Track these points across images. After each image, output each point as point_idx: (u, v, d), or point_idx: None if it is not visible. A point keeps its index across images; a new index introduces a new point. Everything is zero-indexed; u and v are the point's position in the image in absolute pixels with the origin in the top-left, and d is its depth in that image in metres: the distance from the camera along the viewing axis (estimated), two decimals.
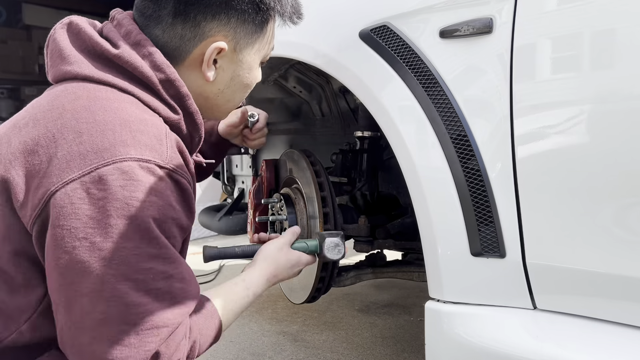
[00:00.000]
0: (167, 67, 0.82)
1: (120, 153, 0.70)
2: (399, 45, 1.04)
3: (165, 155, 0.75)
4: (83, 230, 0.67)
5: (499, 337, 0.94)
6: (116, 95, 0.77)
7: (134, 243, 0.69)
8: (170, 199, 0.74)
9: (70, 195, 0.68)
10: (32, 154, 0.72)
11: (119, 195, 0.68)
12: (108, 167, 0.68)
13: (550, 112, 0.89)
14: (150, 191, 0.71)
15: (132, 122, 0.74)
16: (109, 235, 0.68)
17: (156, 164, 0.72)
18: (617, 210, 0.85)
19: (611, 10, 0.82)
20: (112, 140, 0.71)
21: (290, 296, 1.62)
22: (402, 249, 1.69)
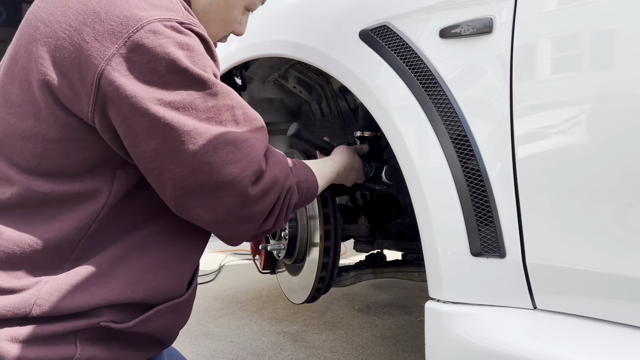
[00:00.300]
0: None
1: (143, 17, 0.73)
2: (399, 45, 1.04)
3: (182, 13, 0.79)
4: (146, 93, 0.72)
5: (498, 337, 0.94)
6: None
7: (193, 89, 0.75)
8: (199, 49, 0.78)
9: (118, 68, 0.71)
10: (59, 50, 0.73)
11: (161, 54, 0.72)
12: (139, 32, 0.72)
13: (550, 112, 0.89)
14: (182, 45, 0.75)
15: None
16: (170, 89, 0.73)
17: (177, 21, 0.76)
18: (617, 210, 0.85)
19: (611, 10, 0.82)
20: (129, 8, 0.73)
21: (290, 296, 1.62)
22: (402, 249, 1.69)
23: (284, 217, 0.90)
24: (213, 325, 2.17)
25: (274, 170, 0.85)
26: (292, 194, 0.90)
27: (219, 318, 2.26)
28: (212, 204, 0.80)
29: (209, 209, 0.80)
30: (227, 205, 0.80)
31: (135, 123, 0.73)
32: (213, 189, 0.78)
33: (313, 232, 1.43)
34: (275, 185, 0.84)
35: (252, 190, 0.80)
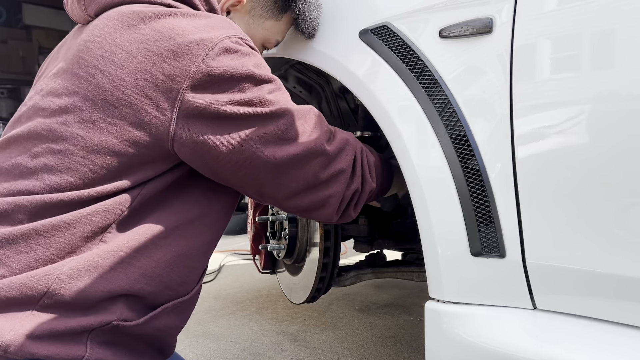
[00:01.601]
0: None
1: (213, 37, 0.81)
2: (398, 45, 1.04)
3: (239, 32, 0.86)
4: (223, 98, 0.80)
5: (498, 337, 0.94)
6: (167, 9, 0.85)
7: (264, 87, 0.84)
8: (260, 59, 0.87)
9: (197, 86, 0.78)
10: (141, 72, 0.79)
11: (239, 69, 0.81)
12: (213, 50, 0.80)
13: (550, 112, 0.89)
14: (250, 55, 0.84)
15: (198, 19, 0.84)
16: (244, 91, 0.82)
17: (240, 38, 0.85)
18: (617, 210, 0.85)
19: (611, 10, 0.82)
20: (200, 32, 0.81)
21: (290, 296, 1.62)
22: (402, 249, 1.70)
23: (369, 176, 1.00)
24: (213, 325, 2.17)
25: (341, 133, 0.96)
26: (367, 154, 1.01)
27: (219, 318, 2.26)
28: (302, 171, 0.89)
29: (300, 179, 0.90)
30: (314, 169, 0.90)
31: (216, 136, 0.81)
32: (300, 157, 0.88)
33: (313, 232, 1.43)
34: (348, 143, 0.95)
35: (329, 146, 0.91)
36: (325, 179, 0.93)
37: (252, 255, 1.77)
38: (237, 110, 0.82)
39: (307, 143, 0.88)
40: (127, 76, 0.78)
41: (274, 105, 0.86)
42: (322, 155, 0.91)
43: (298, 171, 0.89)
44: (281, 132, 0.86)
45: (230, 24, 0.87)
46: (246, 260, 3.35)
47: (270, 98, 0.86)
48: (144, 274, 0.82)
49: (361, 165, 0.98)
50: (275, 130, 0.85)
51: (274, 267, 1.72)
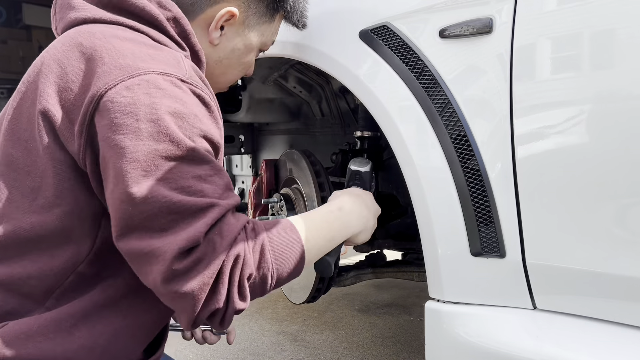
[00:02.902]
0: (172, 6, 0.85)
1: (142, 67, 0.73)
2: (398, 45, 1.04)
3: (185, 71, 0.78)
4: (114, 139, 0.70)
5: (499, 337, 0.94)
6: (127, 31, 0.80)
7: (161, 145, 0.71)
8: (195, 109, 0.75)
9: (101, 109, 0.71)
10: (66, 91, 0.75)
11: (146, 102, 0.71)
12: (133, 79, 0.72)
13: (550, 112, 0.89)
14: (176, 99, 0.73)
15: (148, 48, 0.78)
16: (139, 139, 0.70)
17: (177, 78, 0.75)
18: (617, 210, 0.85)
19: (611, 10, 0.82)
20: (133, 59, 0.74)
21: (290, 296, 1.62)
22: (402, 249, 1.69)
23: (241, 296, 0.74)
24: None
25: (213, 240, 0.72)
26: (245, 266, 0.73)
27: None
28: (139, 270, 0.73)
29: (140, 275, 0.73)
30: (152, 277, 0.70)
31: (105, 162, 0.72)
32: (138, 257, 0.71)
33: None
34: (209, 258, 0.71)
35: (177, 264, 0.69)
36: (164, 293, 0.72)
37: None
38: (120, 153, 0.70)
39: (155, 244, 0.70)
40: (54, 92, 0.76)
41: (163, 173, 0.71)
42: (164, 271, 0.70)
43: (135, 267, 0.74)
44: (140, 209, 0.70)
45: (178, 62, 0.78)
46: None
47: (162, 163, 0.71)
48: (84, 346, 0.76)
49: (224, 286, 0.72)
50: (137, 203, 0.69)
51: None
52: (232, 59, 0.98)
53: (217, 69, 0.97)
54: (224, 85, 1.04)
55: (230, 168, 2.38)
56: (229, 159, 2.37)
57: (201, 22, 0.91)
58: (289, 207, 1.49)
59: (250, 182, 2.24)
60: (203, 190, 0.73)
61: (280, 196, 1.53)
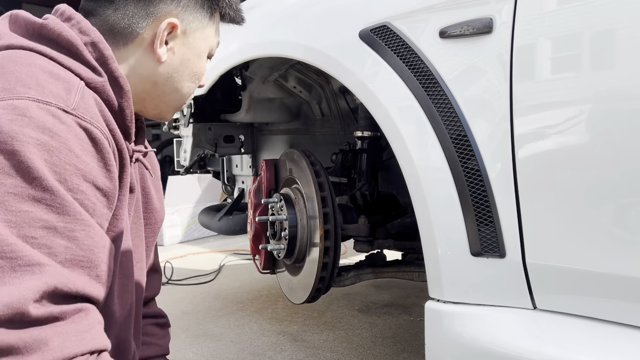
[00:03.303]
0: (92, 30, 0.80)
1: (18, 92, 0.65)
2: (399, 45, 1.04)
3: (72, 102, 0.69)
4: None
5: (499, 337, 0.94)
6: (34, 56, 0.74)
7: (13, 180, 0.62)
8: (71, 143, 0.66)
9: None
10: None
11: (5, 129, 0.62)
12: (2, 102, 0.64)
13: (550, 112, 0.89)
14: (44, 130, 0.64)
15: (42, 74, 0.70)
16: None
17: (58, 107, 0.67)
18: (617, 210, 0.85)
19: (611, 11, 0.82)
20: (14, 83, 0.67)
21: (290, 296, 1.62)
22: (402, 249, 1.69)
23: None
24: (213, 325, 2.17)
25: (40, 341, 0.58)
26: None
27: (219, 318, 2.26)
28: None
29: None
30: None
31: None
32: None
33: (313, 232, 1.42)
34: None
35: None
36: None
37: (252, 255, 1.77)
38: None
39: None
40: None
41: (8, 215, 0.61)
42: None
43: None
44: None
45: (68, 92, 0.70)
46: (246, 260, 3.35)
47: (11, 202, 0.61)
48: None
49: None
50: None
51: (274, 267, 1.72)
52: (183, 71, 0.92)
53: (168, 87, 0.92)
54: (178, 103, 0.96)
55: (231, 168, 2.39)
56: (229, 159, 2.38)
57: (141, 43, 0.87)
58: (289, 207, 1.49)
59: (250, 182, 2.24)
60: (51, 247, 0.62)
61: (280, 196, 1.53)
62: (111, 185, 0.72)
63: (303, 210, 1.46)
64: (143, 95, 0.90)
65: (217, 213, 2.26)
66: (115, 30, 0.86)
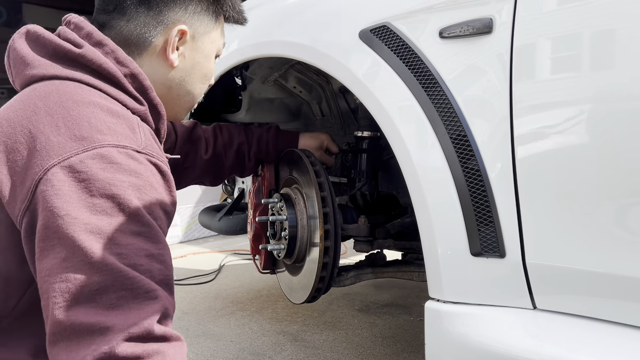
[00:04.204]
0: (130, 62, 0.85)
1: (98, 140, 0.72)
2: (398, 46, 1.04)
3: (141, 141, 0.78)
4: (65, 208, 0.68)
5: (498, 337, 0.94)
6: (84, 90, 0.79)
7: (116, 219, 0.70)
8: (151, 180, 0.76)
9: (51, 179, 0.69)
10: (13, 152, 0.73)
11: (101, 177, 0.70)
12: (88, 152, 0.71)
13: (550, 112, 0.89)
14: (131, 172, 0.73)
15: (105, 114, 0.76)
16: (91, 212, 0.69)
17: (133, 149, 0.75)
18: (617, 210, 0.85)
19: (611, 10, 0.82)
20: (89, 130, 0.73)
21: (291, 296, 1.62)
22: (402, 249, 1.69)
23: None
24: (213, 325, 2.17)
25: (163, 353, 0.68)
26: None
27: (219, 318, 2.26)
28: (68, 345, 0.66)
29: (66, 350, 0.67)
30: (82, 354, 0.65)
31: (47, 234, 0.68)
32: (82, 332, 0.66)
33: (313, 232, 1.42)
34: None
35: (121, 349, 0.65)
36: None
37: (252, 255, 1.77)
38: (69, 231, 0.68)
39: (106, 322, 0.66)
40: (2, 152, 0.74)
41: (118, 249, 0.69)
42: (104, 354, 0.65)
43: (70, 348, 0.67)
44: (89, 288, 0.67)
45: (134, 131, 0.78)
46: (246, 260, 3.35)
47: (120, 239, 0.69)
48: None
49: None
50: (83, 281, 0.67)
51: (274, 267, 1.72)
52: (194, 74, 0.98)
53: (181, 90, 0.98)
54: (191, 103, 1.03)
55: None
56: None
57: (154, 51, 0.92)
58: (289, 207, 1.49)
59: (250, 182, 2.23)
60: (152, 271, 0.71)
61: (280, 196, 1.53)
62: (173, 209, 0.82)
63: (303, 210, 1.46)
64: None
65: (217, 213, 2.25)
66: (129, 41, 0.90)
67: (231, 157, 1.50)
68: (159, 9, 0.90)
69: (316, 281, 1.42)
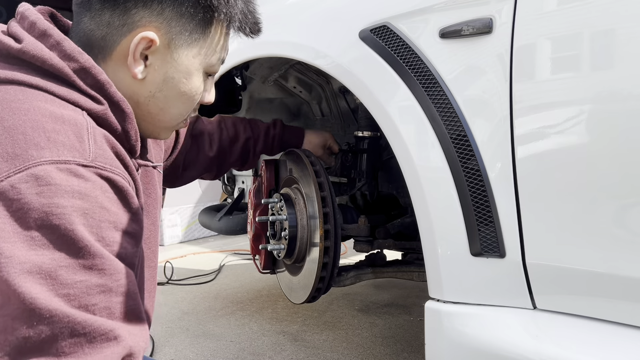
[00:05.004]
0: (79, 54, 0.72)
1: (33, 157, 0.62)
2: (399, 46, 1.04)
3: (88, 152, 0.66)
4: (1, 247, 0.58)
5: (498, 337, 0.94)
6: (27, 94, 0.68)
7: (60, 254, 0.61)
8: (101, 199, 0.65)
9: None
10: None
11: (36, 205, 0.60)
12: (20, 174, 0.61)
13: (550, 112, 0.89)
14: (73, 194, 0.62)
15: (46, 121, 0.65)
16: (29, 248, 0.59)
17: (77, 164, 0.64)
18: (617, 210, 0.85)
19: (611, 10, 0.82)
20: (24, 145, 0.62)
21: (291, 296, 1.62)
22: (402, 249, 1.69)
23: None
24: (213, 325, 2.17)
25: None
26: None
27: (219, 318, 2.27)
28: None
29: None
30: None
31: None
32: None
33: (313, 232, 1.42)
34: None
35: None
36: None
37: (252, 255, 1.77)
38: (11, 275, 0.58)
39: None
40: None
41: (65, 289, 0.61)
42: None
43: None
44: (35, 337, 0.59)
45: (80, 141, 0.66)
46: (246, 260, 3.35)
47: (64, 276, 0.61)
48: None
49: None
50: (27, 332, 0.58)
51: (274, 267, 1.72)
52: (167, 90, 0.81)
53: (152, 106, 0.82)
54: (170, 123, 0.87)
55: None
56: None
57: (120, 56, 0.77)
58: (289, 207, 1.49)
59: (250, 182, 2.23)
60: (111, 307, 0.63)
61: (280, 196, 1.53)
62: (137, 227, 0.72)
63: (303, 210, 1.46)
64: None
65: (217, 213, 2.26)
66: (91, 41, 0.76)
67: (236, 152, 1.42)
68: (125, 8, 0.75)
69: (316, 281, 1.42)
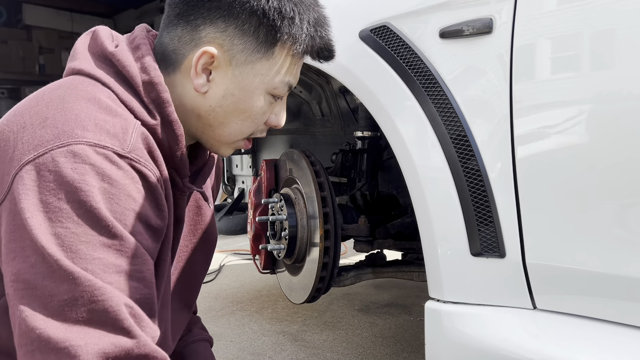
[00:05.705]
0: (153, 69, 0.79)
1: (76, 135, 0.67)
2: (399, 46, 1.04)
3: (128, 144, 0.70)
4: (31, 212, 0.64)
5: (498, 337, 0.94)
6: (96, 88, 0.75)
7: (83, 229, 0.65)
8: (129, 188, 0.69)
9: (24, 177, 0.65)
10: (5, 141, 0.70)
11: (69, 178, 0.65)
12: (61, 149, 0.66)
13: (550, 112, 0.89)
14: (104, 178, 0.66)
15: (100, 112, 0.71)
16: (57, 219, 0.64)
17: (114, 152, 0.68)
18: (617, 210, 0.85)
19: (611, 10, 0.82)
20: (73, 124, 0.68)
21: (291, 296, 1.62)
22: (402, 249, 1.69)
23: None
24: (213, 325, 2.17)
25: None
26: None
27: (219, 318, 2.26)
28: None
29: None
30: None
31: (11, 236, 0.65)
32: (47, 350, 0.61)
33: (313, 232, 1.43)
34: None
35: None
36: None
37: (252, 255, 1.77)
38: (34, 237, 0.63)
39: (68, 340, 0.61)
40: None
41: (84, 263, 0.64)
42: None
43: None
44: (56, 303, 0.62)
45: (124, 132, 0.71)
46: (246, 260, 3.35)
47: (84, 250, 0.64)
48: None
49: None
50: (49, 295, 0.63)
51: (274, 267, 1.72)
52: (226, 106, 0.83)
53: (212, 119, 0.84)
54: (228, 138, 0.87)
55: (231, 168, 2.39)
56: (229, 159, 2.38)
57: (186, 69, 0.81)
58: (289, 207, 1.49)
59: (250, 182, 2.24)
60: (125, 291, 0.66)
61: (280, 196, 1.53)
62: (161, 223, 0.75)
63: (303, 210, 1.46)
64: (192, 129, 0.86)
65: (217, 213, 2.26)
66: (166, 54, 0.82)
67: None
68: (196, 24, 0.80)
69: (316, 281, 1.42)
